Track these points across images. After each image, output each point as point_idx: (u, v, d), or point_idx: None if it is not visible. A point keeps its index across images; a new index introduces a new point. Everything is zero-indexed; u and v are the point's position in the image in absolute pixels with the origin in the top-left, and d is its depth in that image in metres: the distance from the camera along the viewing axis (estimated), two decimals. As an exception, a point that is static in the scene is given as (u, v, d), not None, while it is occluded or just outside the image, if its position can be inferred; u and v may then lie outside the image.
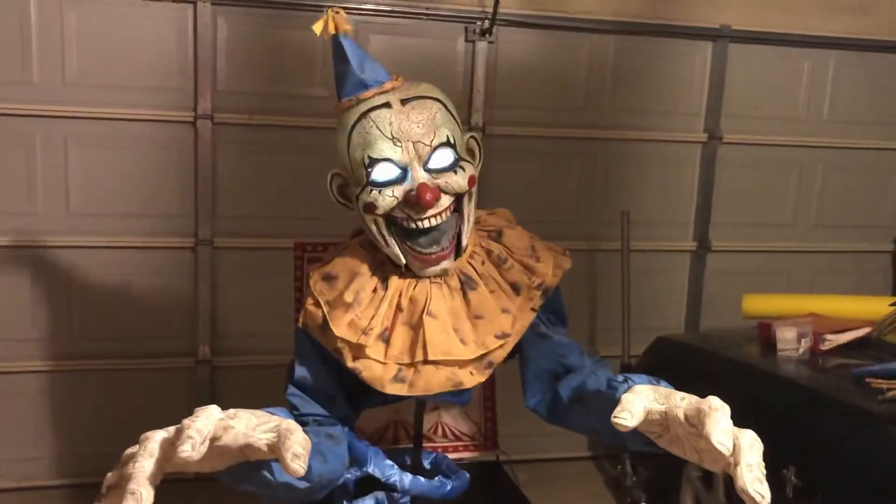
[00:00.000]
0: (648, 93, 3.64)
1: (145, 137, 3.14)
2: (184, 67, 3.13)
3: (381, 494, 1.61)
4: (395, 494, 1.60)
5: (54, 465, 3.20)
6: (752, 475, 0.87)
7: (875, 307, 2.83)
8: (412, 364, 1.37)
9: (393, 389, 1.36)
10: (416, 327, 1.38)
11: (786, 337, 2.47)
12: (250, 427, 0.95)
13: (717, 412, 0.90)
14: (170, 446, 0.93)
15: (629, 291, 3.44)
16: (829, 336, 2.54)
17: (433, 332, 1.36)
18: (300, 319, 1.45)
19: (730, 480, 0.91)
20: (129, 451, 0.98)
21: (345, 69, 1.40)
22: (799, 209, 3.91)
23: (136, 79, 3.09)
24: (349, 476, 1.59)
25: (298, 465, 0.90)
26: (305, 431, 1.29)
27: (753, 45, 3.69)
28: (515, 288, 1.43)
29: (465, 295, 1.42)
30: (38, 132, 3.05)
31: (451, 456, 2.00)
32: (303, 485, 1.16)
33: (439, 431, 2.04)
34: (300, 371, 1.46)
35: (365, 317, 1.38)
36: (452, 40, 3.37)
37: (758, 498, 0.86)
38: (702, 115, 3.72)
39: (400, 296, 1.41)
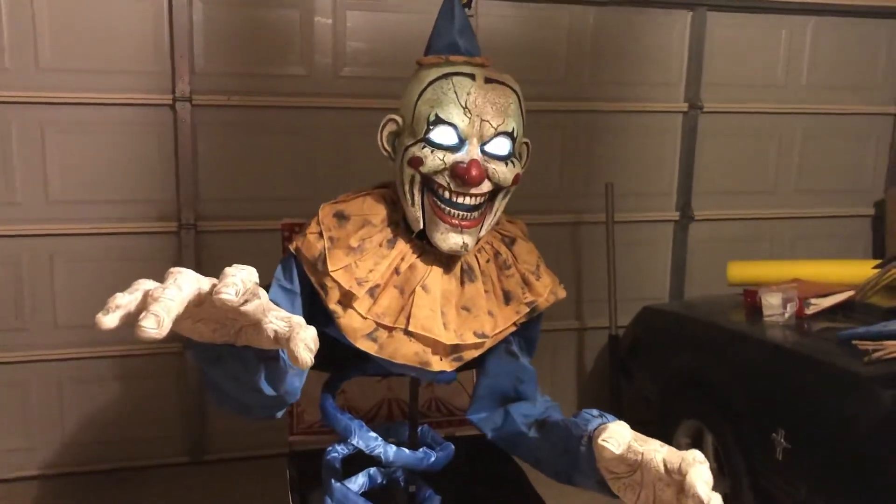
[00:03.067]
0: (628, 63, 3.64)
1: (124, 122, 3.09)
2: (160, 49, 3.08)
3: (373, 470, 1.62)
4: (388, 469, 1.60)
5: (44, 455, 3.18)
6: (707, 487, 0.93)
7: (858, 270, 2.87)
8: (390, 329, 1.36)
9: (363, 345, 1.35)
10: (407, 295, 1.37)
11: (771, 302, 2.50)
12: (268, 308, 0.89)
13: (703, 465, 0.95)
14: (200, 289, 0.84)
15: (615, 263, 3.46)
16: (813, 300, 2.58)
17: (421, 306, 1.36)
18: (294, 244, 1.42)
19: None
20: (147, 281, 0.85)
21: (447, 27, 1.40)
22: (780, 175, 3.95)
23: (112, 62, 3.04)
24: (335, 454, 1.59)
25: (308, 356, 0.84)
26: None
27: (731, 12, 3.69)
28: (507, 297, 1.44)
29: (461, 283, 1.42)
30: (13, 119, 2.99)
31: (445, 430, 2.02)
32: (269, 391, 1.14)
33: (434, 407, 2.05)
34: (274, 295, 1.40)
35: (363, 267, 1.36)
36: (431, 14, 3.30)
37: None
38: (682, 84, 3.73)
39: (402, 260, 1.40)
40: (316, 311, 1.38)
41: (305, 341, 0.85)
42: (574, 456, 1.17)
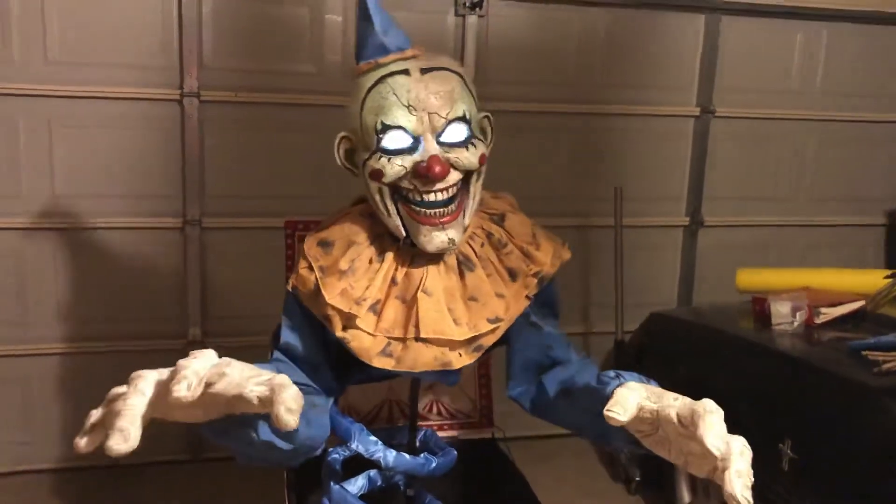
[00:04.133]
0: (640, 67, 3.60)
1: (131, 116, 3.07)
2: (169, 44, 3.06)
3: (373, 472, 1.60)
4: (388, 472, 1.59)
5: (44, 448, 3.17)
6: (742, 481, 0.89)
7: (869, 280, 2.83)
8: (403, 339, 1.35)
9: (380, 363, 1.34)
10: (410, 303, 1.36)
11: (780, 311, 2.47)
12: (244, 377, 0.91)
13: (713, 415, 0.91)
14: (162, 387, 0.90)
15: (622, 267, 3.42)
16: (823, 309, 2.54)
17: (427, 310, 1.34)
18: (290, 282, 1.42)
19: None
20: (117, 390, 0.94)
21: (367, 31, 1.37)
22: (792, 182, 3.90)
23: (120, 56, 3.02)
24: (336, 456, 1.58)
25: (291, 419, 0.87)
26: None
27: (746, 17, 3.64)
28: (512, 274, 1.41)
29: (461, 275, 1.40)
30: (20, 113, 2.98)
31: (446, 434, 2.00)
32: (285, 445, 1.14)
33: (434, 409, 2.03)
34: (286, 336, 1.43)
35: (358, 287, 1.36)
36: (442, 14, 3.32)
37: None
38: (694, 88, 3.68)
39: (396, 269, 1.39)
40: (331, 336, 1.38)
41: (286, 403, 0.87)
42: (602, 420, 1.15)
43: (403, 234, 1.37)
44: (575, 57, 3.52)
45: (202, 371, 0.87)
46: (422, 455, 1.54)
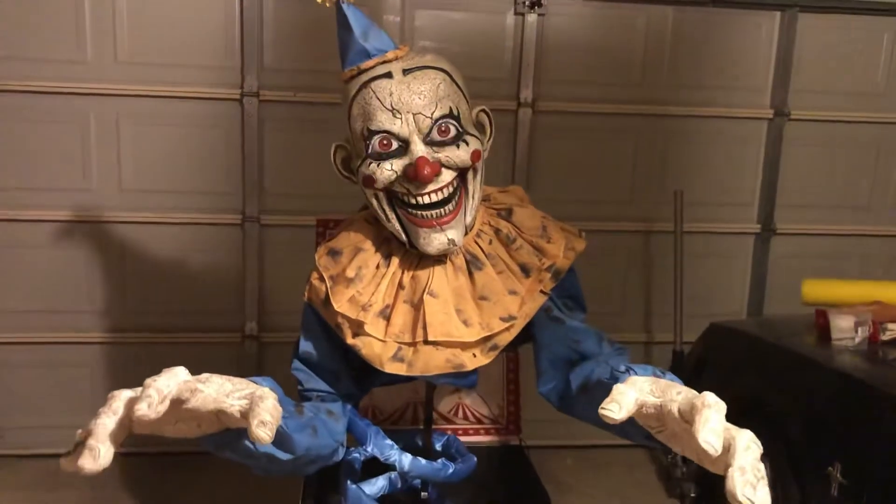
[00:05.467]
0: (710, 67, 3.46)
1: (194, 115, 3.17)
2: (231, 45, 3.15)
3: (394, 474, 1.58)
4: (408, 474, 1.57)
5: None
6: (744, 479, 0.80)
7: (948, 296, 2.62)
8: (413, 343, 1.33)
9: (392, 368, 1.33)
10: (417, 306, 1.34)
11: (840, 325, 2.31)
12: (223, 392, 0.91)
13: (709, 409, 0.83)
14: (133, 405, 0.90)
15: (682, 275, 3.30)
16: (891, 326, 2.37)
17: (433, 312, 1.32)
18: (305, 293, 1.43)
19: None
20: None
21: (347, 37, 1.37)
22: (874, 189, 3.66)
23: (184, 57, 3.13)
24: (357, 456, 1.57)
25: (263, 433, 0.86)
26: (303, 405, 1.28)
27: (825, 14, 3.45)
28: (525, 269, 1.38)
29: (470, 275, 1.37)
30: (91, 110, 3.12)
31: (471, 439, 1.96)
32: (286, 456, 1.14)
33: (460, 413, 2.00)
34: (305, 346, 1.45)
35: (366, 293, 1.36)
36: (501, 14, 3.28)
37: (746, 503, 0.79)
38: (768, 89, 3.51)
39: (402, 273, 1.38)
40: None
41: (260, 417, 0.86)
42: None
43: (404, 237, 1.35)
44: (640, 56, 3.42)
45: (166, 389, 0.87)
46: (439, 460, 1.52)
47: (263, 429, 0.86)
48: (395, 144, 1.29)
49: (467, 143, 1.31)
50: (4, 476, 3.15)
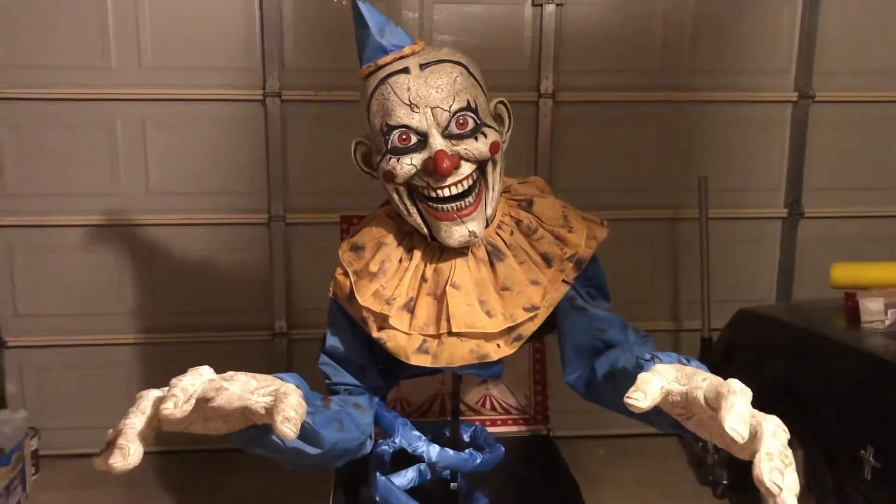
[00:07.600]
0: (732, 50, 3.42)
1: (217, 116, 3.21)
2: (252, 46, 3.18)
3: (423, 466, 1.60)
4: (437, 465, 1.58)
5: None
6: (772, 465, 0.80)
7: (983, 276, 2.57)
8: (437, 335, 1.35)
9: (417, 360, 1.34)
10: (441, 298, 1.35)
11: (871, 308, 2.29)
12: (247, 390, 0.93)
13: (734, 396, 0.83)
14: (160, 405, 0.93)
15: (708, 262, 3.28)
16: (922, 307, 2.33)
17: (456, 304, 1.33)
18: (330, 289, 1.46)
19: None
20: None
21: (364, 34, 1.38)
22: (903, 171, 3.61)
23: (206, 60, 3.17)
24: (386, 448, 1.59)
25: (288, 428, 0.88)
26: (330, 399, 1.30)
27: (852, -9, 3.40)
28: (547, 259, 1.38)
29: (492, 266, 1.38)
30: (117, 115, 3.18)
31: (499, 430, 1.97)
32: (313, 451, 1.16)
33: (487, 404, 2.02)
34: (331, 340, 1.47)
35: (389, 287, 1.37)
36: (520, 5, 3.27)
37: (774, 489, 0.79)
38: (792, 72, 3.47)
39: (425, 266, 1.39)
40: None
41: (284, 413, 0.88)
42: None
43: (426, 231, 1.36)
44: (660, 42, 3.39)
45: (191, 388, 0.88)
46: (467, 451, 1.53)
47: (288, 424, 0.88)
48: (413, 139, 1.30)
49: (486, 136, 1.32)
50: (48, 476, 3.23)
